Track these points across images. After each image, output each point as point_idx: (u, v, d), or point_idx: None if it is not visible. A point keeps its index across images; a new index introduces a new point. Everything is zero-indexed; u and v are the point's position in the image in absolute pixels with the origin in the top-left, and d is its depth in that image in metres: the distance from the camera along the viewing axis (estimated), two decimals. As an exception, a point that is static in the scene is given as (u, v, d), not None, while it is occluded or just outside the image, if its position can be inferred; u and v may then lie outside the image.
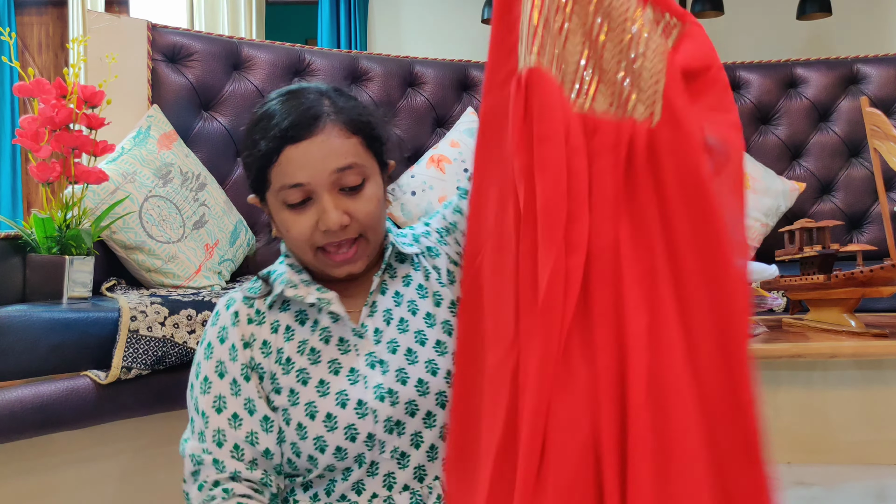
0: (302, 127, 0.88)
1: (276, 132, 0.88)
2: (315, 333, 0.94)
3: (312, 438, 0.89)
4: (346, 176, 0.89)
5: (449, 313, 0.97)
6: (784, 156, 2.70)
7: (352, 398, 0.90)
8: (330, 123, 0.89)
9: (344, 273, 0.93)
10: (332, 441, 0.89)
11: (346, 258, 0.92)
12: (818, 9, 3.53)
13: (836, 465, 2.32)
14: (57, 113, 1.58)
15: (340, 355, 0.93)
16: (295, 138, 0.87)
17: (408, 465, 0.90)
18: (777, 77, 2.74)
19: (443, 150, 2.37)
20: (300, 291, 0.94)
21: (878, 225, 2.65)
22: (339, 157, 0.88)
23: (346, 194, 0.90)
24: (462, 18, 3.99)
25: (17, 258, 1.56)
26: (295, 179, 0.88)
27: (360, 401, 0.90)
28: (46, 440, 1.36)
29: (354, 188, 0.90)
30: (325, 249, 0.91)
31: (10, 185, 4.06)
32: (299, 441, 0.90)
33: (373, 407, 0.89)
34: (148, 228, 1.82)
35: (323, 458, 0.89)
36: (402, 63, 2.56)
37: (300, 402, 0.91)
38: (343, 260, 0.92)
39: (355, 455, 0.89)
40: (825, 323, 1.52)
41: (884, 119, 1.49)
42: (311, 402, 0.90)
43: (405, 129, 2.50)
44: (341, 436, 0.89)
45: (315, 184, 0.88)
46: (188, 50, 2.23)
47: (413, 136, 2.49)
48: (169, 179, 1.93)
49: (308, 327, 0.95)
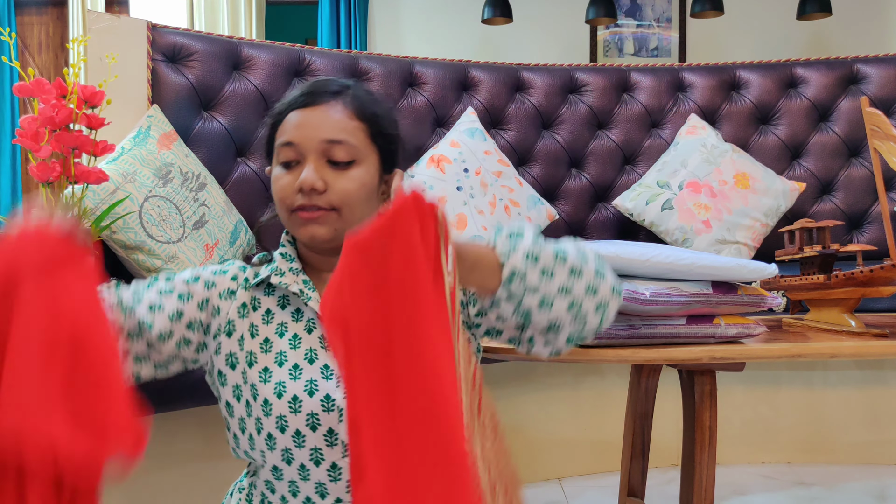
0: (310, 96, 0.96)
1: (290, 100, 0.98)
2: (300, 323, 0.96)
3: (275, 416, 0.90)
4: (335, 149, 0.94)
5: None
6: (784, 156, 2.70)
7: (321, 389, 0.90)
8: (338, 102, 0.96)
9: (307, 236, 0.95)
10: (293, 423, 0.90)
11: (310, 216, 0.94)
12: (818, 9, 3.53)
13: (836, 465, 2.33)
14: (57, 113, 1.58)
15: (319, 348, 0.94)
16: (302, 104, 0.96)
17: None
18: (777, 77, 2.74)
19: (443, 150, 2.37)
20: (286, 279, 0.96)
21: (878, 225, 2.65)
22: (334, 130, 0.94)
23: (332, 167, 0.94)
24: (462, 18, 3.99)
25: (17, 258, 1.55)
26: (288, 137, 0.95)
27: (327, 395, 0.90)
28: (46, 440, 1.36)
29: (341, 164, 0.94)
30: (296, 210, 0.94)
31: (10, 185, 4.06)
32: (263, 416, 0.90)
33: (339, 404, 0.90)
34: (148, 228, 1.82)
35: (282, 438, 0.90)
36: (402, 63, 2.56)
37: (258, 363, 0.93)
38: (307, 218, 0.94)
39: (312, 447, 0.90)
40: (825, 323, 1.52)
41: (884, 119, 1.49)
42: (268, 369, 0.92)
43: (405, 129, 2.50)
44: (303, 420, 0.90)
45: (304, 147, 0.94)
46: (188, 50, 2.23)
47: (413, 136, 2.49)
48: (169, 179, 1.93)
49: (289, 312, 0.97)
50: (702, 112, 2.69)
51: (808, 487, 2.14)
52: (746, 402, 2.34)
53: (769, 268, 1.27)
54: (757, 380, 2.34)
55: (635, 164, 2.68)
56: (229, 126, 2.25)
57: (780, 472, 2.26)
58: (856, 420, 2.37)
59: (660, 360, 1.34)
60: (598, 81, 2.70)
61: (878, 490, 2.13)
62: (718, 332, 1.28)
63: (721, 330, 1.28)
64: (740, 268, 1.24)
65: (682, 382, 1.38)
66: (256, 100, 2.30)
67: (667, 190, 2.47)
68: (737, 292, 1.26)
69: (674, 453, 2.26)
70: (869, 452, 2.36)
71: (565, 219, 2.59)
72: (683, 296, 1.22)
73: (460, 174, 2.33)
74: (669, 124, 2.70)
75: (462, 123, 2.47)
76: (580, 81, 2.70)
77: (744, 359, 1.30)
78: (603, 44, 4.08)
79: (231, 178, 2.23)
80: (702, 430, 1.32)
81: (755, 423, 2.34)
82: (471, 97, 2.59)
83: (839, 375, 2.38)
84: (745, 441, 2.33)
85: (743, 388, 2.32)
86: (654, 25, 4.08)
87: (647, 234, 2.52)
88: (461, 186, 2.31)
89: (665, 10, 4.08)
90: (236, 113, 2.27)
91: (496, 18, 3.65)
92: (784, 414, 2.37)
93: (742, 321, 1.29)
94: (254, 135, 2.29)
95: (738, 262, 1.25)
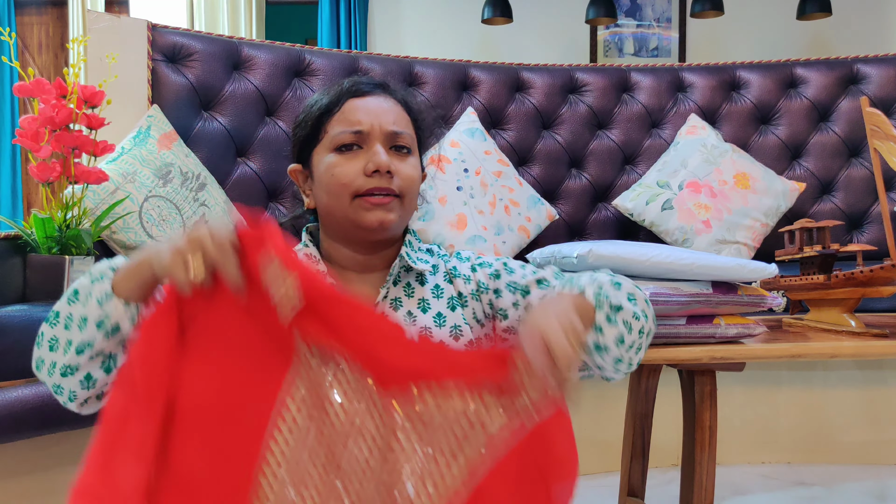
0: (366, 85, 0.96)
1: (340, 89, 0.96)
2: None
3: None
4: (400, 138, 0.95)
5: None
6: (784, 156, 2.70)
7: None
8: (391, 95, 0.98)
9: (376, 221, 0.92)
10: None
11: (382, 202, 0.92)
12: (818, 9, 3.53)
13: (836, 465, 2.33)
14: (57, 113, 1.58)
15: None
16: (359, 93, 0.95)
17: None
18: (777, 77, 2.74)
19: (443, 150, 2.37)
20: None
21: (878, 225, 2.65)
22: (397, 119, 0.95)
23: (395, 153, 0.94)
24: (462, 18, 3.99)
25: (18, 258, 1.56)
26: (356, 123, 0.93)
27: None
28: (46, 440, 1.36)
29: (403, 149, 0.95)
30: (364, 195, 0.92)
31: (10, 185, 4.06)
32: None
33: None
34: (148, 228, 1.82)
35: None
36: (402, 63, 2.56)
37: None
38: (379, 203, 0.92)
39: None
40: (825, 323, 1.52)
41: (884, 119, 1.49)
42: None
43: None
44: None
45: (373, 132, 0.93)
46: (188, 50, 2.23)
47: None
48: (169, 179, 1.93)
49: None
50: (702, 112, 2.69)
51: (808, 487, 2.14)
52: (746, 402, 2.33)
53: (769, 268, 1.28)
54: (757, 380, 2.34)
55: (635, 164, 2.68)
56: (229, 126, 2.25)
57: (780, 472, 2.26)
58: (856, 420, 2.37)
59: (660, 360, 1.34)
60: (598, 81, 2.70)
61: (878, 490, 2.13)
62: (718, 332, 1.28)
63: (721, 330, 1.28)
64: (740, 268, 1.24)
65: (682, 382, 1.38)
66: (256, 100, 2.30)
67: (667, 190, 2.47)
68: (737, 292, 1.26)
69: (674, 453, 2.26)
70: (869, 452, 2.36)
71: (565, 219, 2.59)
72: (683, 296, 1.22)
73: (460, 174, 2.33)
74: (669, 124, 2.70)
75: (462, 123, 2.47)
76: (580, 81, 2.70)
77: (744, 359, 1.30)
78: (603, 44, 4.08)
79: (231, 178, 2.23)
80: (702, 430, 1.32)
81: (755, 423, 2.34)
82: (471, 97, 2.59)
83: (839, 375, 2.38)
84: (745, 441, 2.32)
85: (743, 388, 2.32)
86: (654, 25, 4.08)
87: (647, 234, 2.52)
88: (461, 186, 2.31)
89: (665, 10, 4.08)
90: (236, 113, 2.27)
91: (496, 18, 3.65)
92: (784, 414, 2.37)
93: (742, 321, 1.30)
94: (254, 135, 2.29)
95: (738, 262, 1.25)
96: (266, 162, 2.28)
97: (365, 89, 0.96)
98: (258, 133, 2.30)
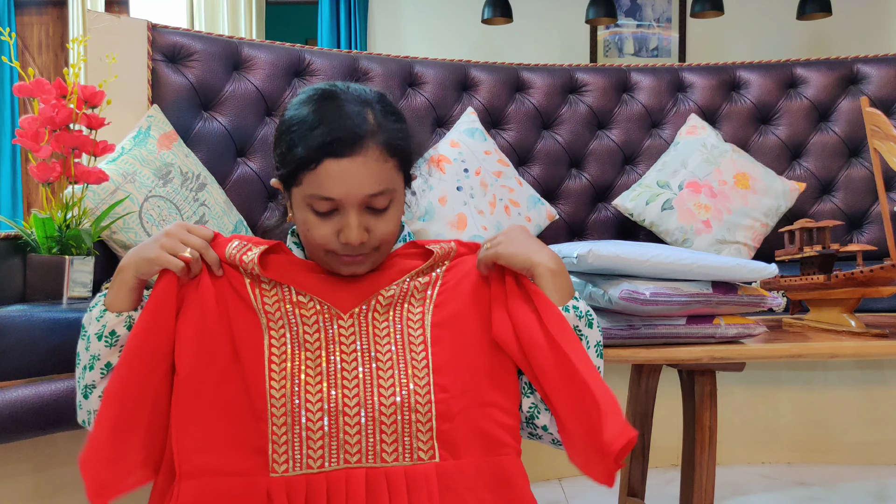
0: (345, 144, 0.89)
1: (317, 142, 0.89)
2: None
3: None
4: (376, 199, 0.92)
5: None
6: (784, 156, 2.70)
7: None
8: (372, 145, 0.90)
9: (349, 272, 0.96)
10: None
11: (354, 261, 0.95)
12: (818, 9, 3.53)
13: (836, 465, 2.33)
14: (57, 113, 1.58)
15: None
16: (337, 154, 0.89)
17: None
18: (777, 77, 2.74)
19: (443, 150, 2.37)
20: None
21: (878, 225, 2.65)
22: (375, 182, 0.90)
23: (371, 213, 0.92)
24: (462, 18, 3.99)
25: (18, 258, 1.56)
26: (329, 193, 0.90)
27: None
28: (46, 440, 1.36)
29: (380, 210, 0.93)
30: (337, 253, 0.94)
31: (10, 185, 4.06)
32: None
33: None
34: (148, 228, 1.82)
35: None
36: (402, 63, 2.56)
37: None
38: (350, 262, 0.95)
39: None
40: (825, 323, 1.52)
41: (884, 119, 1.48)
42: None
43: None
44: None
45: (346, 202, 0.90)
46: (188, 50, 2.23)
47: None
48: (169, 179, 1.93)
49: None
50: (702, 112, 2.69)
51: (808, 487, 2.14)
52: (746, 402, 2.33)
53: (769, 268, 1.27)
54: (757, 380, 2.34)
55: (635, 164, 2.68)
56: (229, 126, 2.25)
57: (780, 472, 2.26)
58: (856, 420, 2.37)
59: (660, 360, 1.34)
60: (598, 81, 2.70)
61: (878, 490, 2.13)
62: (718, 332, 1.28)
63: (721, 330, 1.28)
64: (740, 268, 1.24)
65: (682, 382, 1.38)
66: (256, 100, 2.30)
67: (667, 190, 2.47)
68: (737, 292, 1.26)
69: (674, 453, 2.26)
70: (869, 452, 2.36)
71: (565, 219, 2.59)
72: (683, 296, 1.22)
73: (460, 174, 2.33)
74: (669, 124, 2.70)
75: (462, 123, 2.47)
76: (580, 81, 2.70)
77: (744, 359, 1.30)
78: (603, 44, 4.08)
79: (231, 178, 2.23)
80: (702, 430, 1.32)
81: (755, 423, 2.34)
82: (471, 97, 2.59)
83: (839, 375, 2.38)
84: (745, 441, 2.33)
85: (743, 388, 2.32)
86: (654, 25, 4.08)
87: (647, 234, 2.52)
88: (461, 186, 2.31)
89: (665, 10, 4.08)
90: (236, 113, 2.27)
91: (496, 18, 3.65)
92: (784, 414, 2.37)
93: (742, 321, 1.29)
94: (254, 135, 2.29)
95: (738, 262, 1.25)
96: (266, 162, 2.28)
97: (344, 152, 0.88)
98: (258, 133, 2.30)
